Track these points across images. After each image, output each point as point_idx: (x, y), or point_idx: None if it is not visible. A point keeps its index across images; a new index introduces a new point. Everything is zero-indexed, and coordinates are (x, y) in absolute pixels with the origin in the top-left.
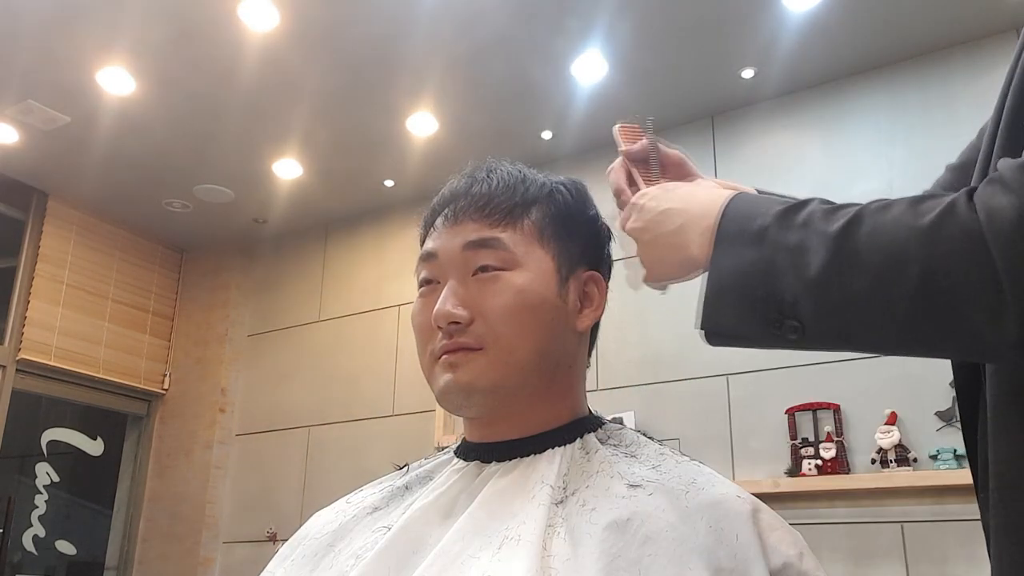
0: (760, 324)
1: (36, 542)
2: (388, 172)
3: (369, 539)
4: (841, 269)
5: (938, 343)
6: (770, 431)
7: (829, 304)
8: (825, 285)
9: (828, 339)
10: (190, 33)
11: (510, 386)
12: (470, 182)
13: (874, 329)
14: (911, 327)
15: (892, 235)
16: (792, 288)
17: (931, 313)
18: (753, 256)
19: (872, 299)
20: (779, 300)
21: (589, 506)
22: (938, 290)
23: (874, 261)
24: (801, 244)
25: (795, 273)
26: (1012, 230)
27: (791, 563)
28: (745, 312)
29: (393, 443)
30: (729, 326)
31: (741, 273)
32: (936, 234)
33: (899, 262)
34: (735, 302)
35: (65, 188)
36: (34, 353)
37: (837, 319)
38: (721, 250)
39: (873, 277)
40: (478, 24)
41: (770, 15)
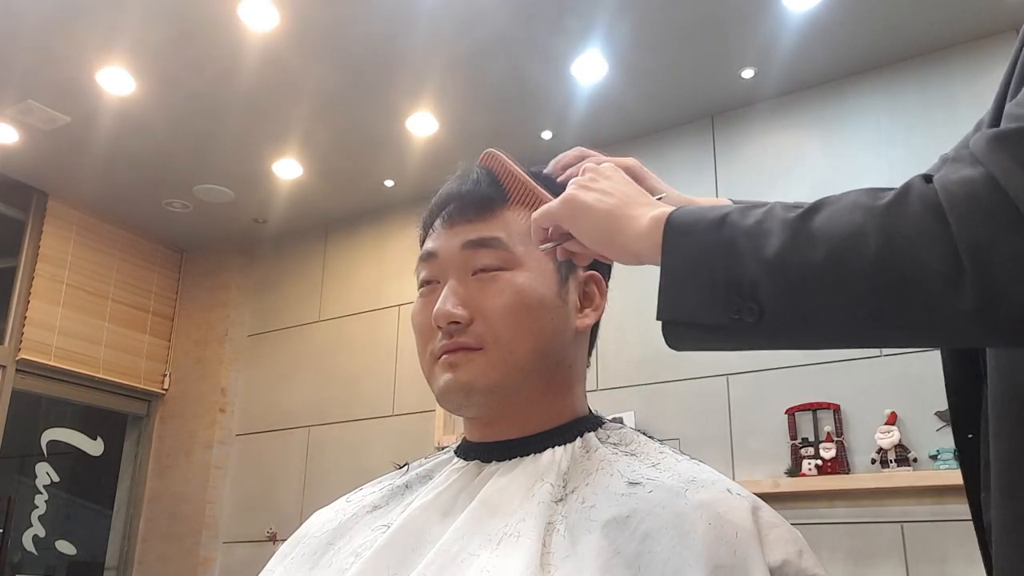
0: (720, 309)
1: (36, 542)
2: (388, 172)
3: (368, 537)
4: (798, 248)
5: (896, 320)
6: (770, 431)
7: (786, 283)
8: (782, 265)
9: (787, 323)
10: (190, 33)
11: (510, 386)
12: (467, 182)
13: (833, 309)
14: (869, 303)
15: (850, 215)
16: (751, 270)
17: (889, 286)
18: (713, 239)
19: (829, 275)
20: (739, 283)
21: (589, 503)
22: (895, 262)
23: (832, 239)
24: (760, 227)
25: (754, 255)
26: (968, 198)
27: (790, 560)
28: (705, 297)
29: (393, 443)
30: (689, 312)
31: (700, 256)
32: (893, 209)
33: (856, 236)
34: (695, 287)
35: (65, 188)
36: (34, 353)
37: (795, 299)
38: (676, 237)
39: (829, 253)
40: (478, 24)
41: (770, 15)
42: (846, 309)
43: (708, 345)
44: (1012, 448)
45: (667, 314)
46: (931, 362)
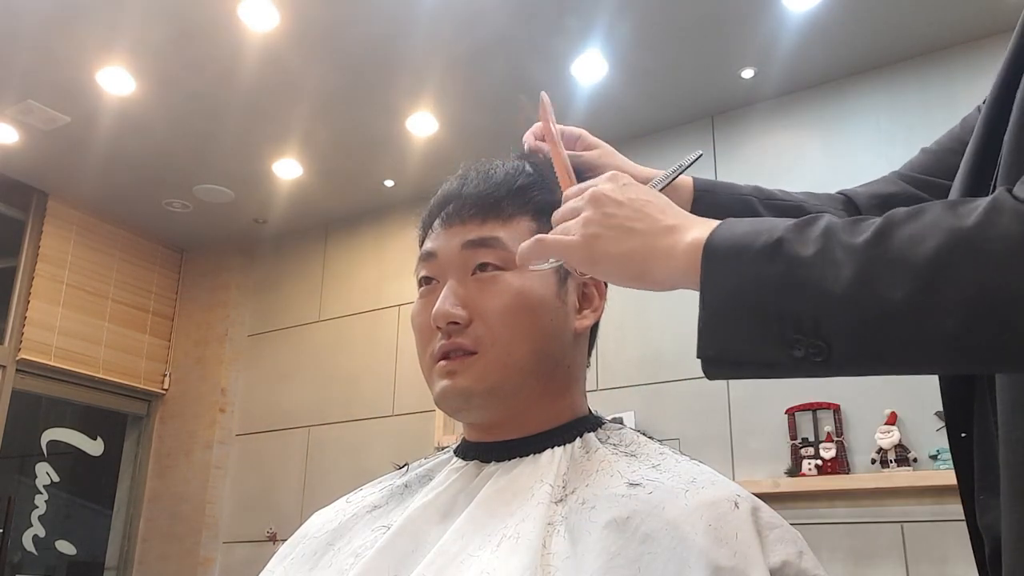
0: (775, 347)
1: (36, 542)
2: (388, 172)
3: (368, 538)
4: (875, 280)
5: (987, 353)
6: (770, 431)
7: (861, 320)
8: (856, 299)
9: (858, 360)
10: (190, 33)
11: (509, 388)
12: (465, 182)
13: (917, 345)
14: (962, 338)
15: (933, 239)
16: (815, 304)
17: (982, 317)
18: (764, 271)
19: (915, 311)
20: (798, 318)
21: (589, 504)
22: (991, 291)
23: (915, 268)
24: (823, 256)
25: (818, 287)
26: None
27: (790, 561)
28: (756, 334)
29: (393, 443)
30: (736, 351)
31: (750, 291)
32: (985, 232)
33: (945, 267)
34: (744, 323)
35: (65, 188)
36: (34, 353)
37: (871, 337)
38: (717, 267)
39: (915, 286)
40: (478, 24)
41: (770, 15)
42: (934, 346)
43: (754, 376)
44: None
45: (711, 351)
46: None
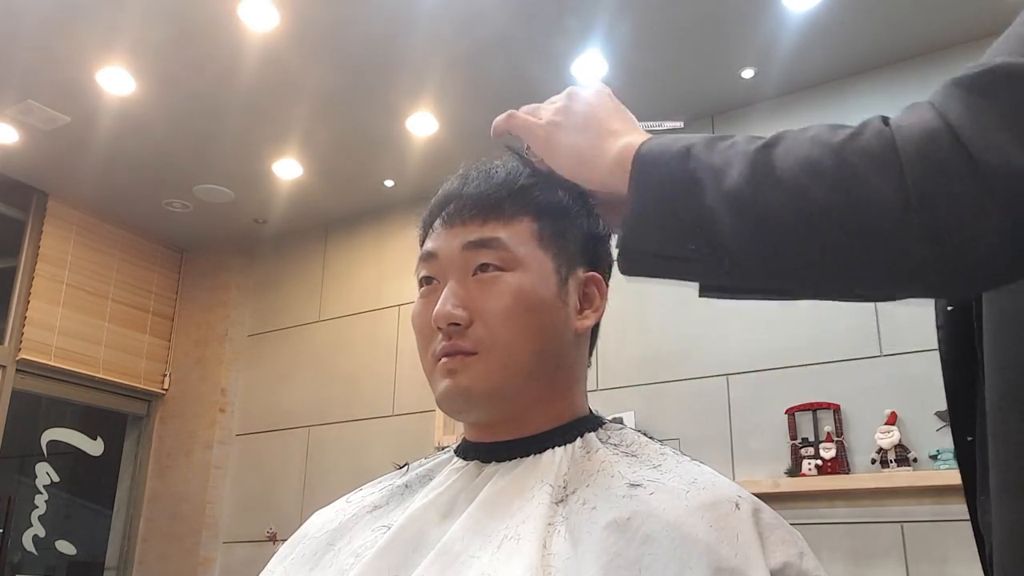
0: (683, 242)
1: (36, 542)
2: (388, 172)
3: (369, 538)
4: (757, 182)
5: (849, 252)
6: (770, 431)
7: (745, 218)
8: (742, 199)
9: (746, 258)
10: (190, 33)
11: (510, 389)
12: (466, 182)
13: (789, 243)
14: (823, 234)
15: (808, 149)
16: (713, 203)
17: (843, 216)
18: (678, 171)
19: (786, 209)
20: (700, 216)
21: (589, 505)
22: (849, 194)
23: (789, 172)
24: (723, 158)
25: (716, 188)
26: (921, 138)
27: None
28: (669, 229)
29: (393, 443)
30: (651, 244)
31: (666, 189)
32: (849, 143)
33: (813, 169)
34: (660, 218)
35: (65, 188)
36: (34, 353)
37: (753, 234)
38: (642, 169)
39: (787, 187)
40: (478, 24)
41: (770, 15)
42: (802, 242)
43: (663, 274)
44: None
45: (630, 242)
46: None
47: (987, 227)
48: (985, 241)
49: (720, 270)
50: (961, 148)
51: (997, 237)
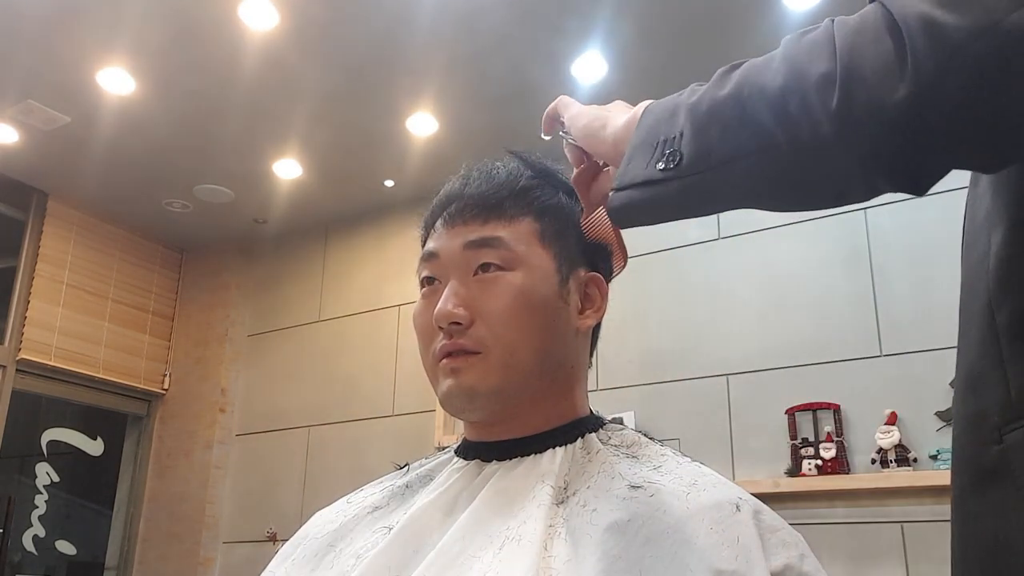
0: (653, 163)
1: (36, 542)
2: (388, 172)
3: (370, 539)
4: (715, 87)
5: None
6: (770, 431)
7: (696, 122)
8: (698, 105)
9: (697, 164)
10: (190, 33)
11: (512, 388)
12: (467, 183)
13: (728, 135)
14: (757, 118)
15: (760, 59)
16: (681, 120)
17: (775, 98)
18: (663, 109)
19: (728, 101)
20: (672, 137)
21: (590, 507)
22: (783, 76)
23: (741, 71)
24: (700, 85)
25: (682, 107)
26: (857, 19)
27: (792, 565)
28: (647, 155)
29: (393, 443)
30: (632, 175)
31: (653, 124)
32: (794, 37)
33: (761, 64)
34: (644, 149)
35: (65, 188)
36: (34, 353)
37: (701, 135)
38: (643, 117)
39: (734, 83)
40: (478, 24)
41: (770, 15)
42: (738, 131)
43: (641, 208)
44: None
45: (616, 180)
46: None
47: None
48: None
49: (678, 186)
50: (884, 11)
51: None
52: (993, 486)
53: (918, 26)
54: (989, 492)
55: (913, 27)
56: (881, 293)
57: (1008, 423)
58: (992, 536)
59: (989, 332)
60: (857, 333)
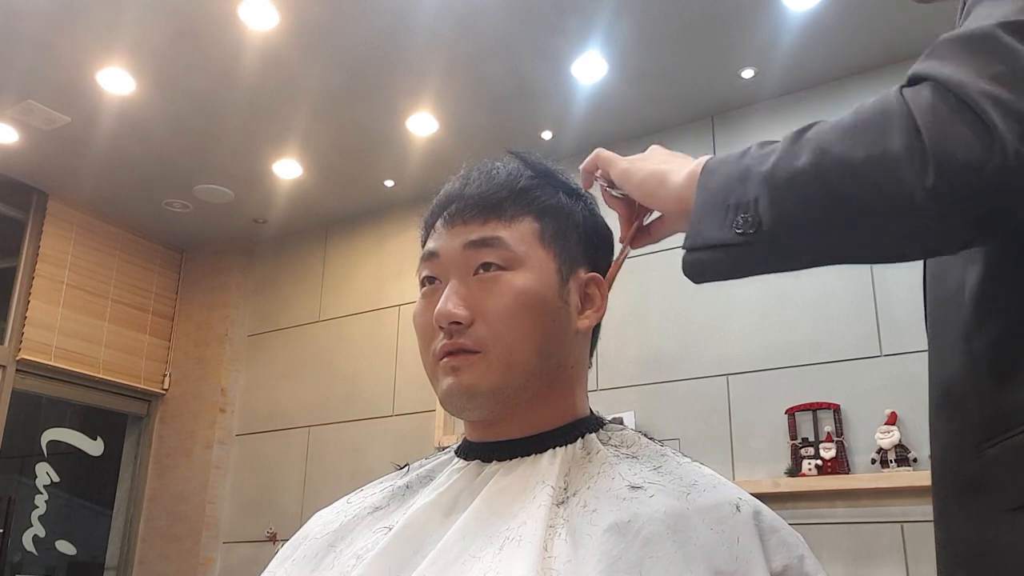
0: (728, 226)
1: (36, 542)
2: (388, 172)
3: (370, 539)
4: (788, 155)
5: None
6: (770, 431)
7: (776, 189)
8: (774, 173)
9: (779, 229)
10: (190, 33)
11: (512, 388)
12: (467, 183)
13: (812, 202)
14: (843, 187)
15: (837, 120)
16: (752, 186)
17: (859, 168)
18: (732, 169)
19: (809, 171)
20: (744, 201)
21: (590, 507)
22: (864, 147)
23: (814, 140)
24: (771, 149)
25: (756, 172)
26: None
27: (792, 566)
28: (719, 218)
29: (393, 443)
30: (705, 237)
31: (721, 185)
32: (865, 106)
33: (835, 131)
34: (711, 212)
35: (65, 188)
36: (34, 353)
37: (782, 203)
38: (706, 175)
39: (811, 152)
40: (478, 24)
41: (770, 15)
42: (824, 201)
43: (719, 268)
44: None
45: (688, 241)
46: None
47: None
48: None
49: (757, 249)
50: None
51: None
52: (975, 497)
53: (990, 104)
54: (971, 502)
55: (985, 105)
56: (881, 293)
57: (987, 440)
58: (976, 542)
59: (966, 358)
60: (857, 333)
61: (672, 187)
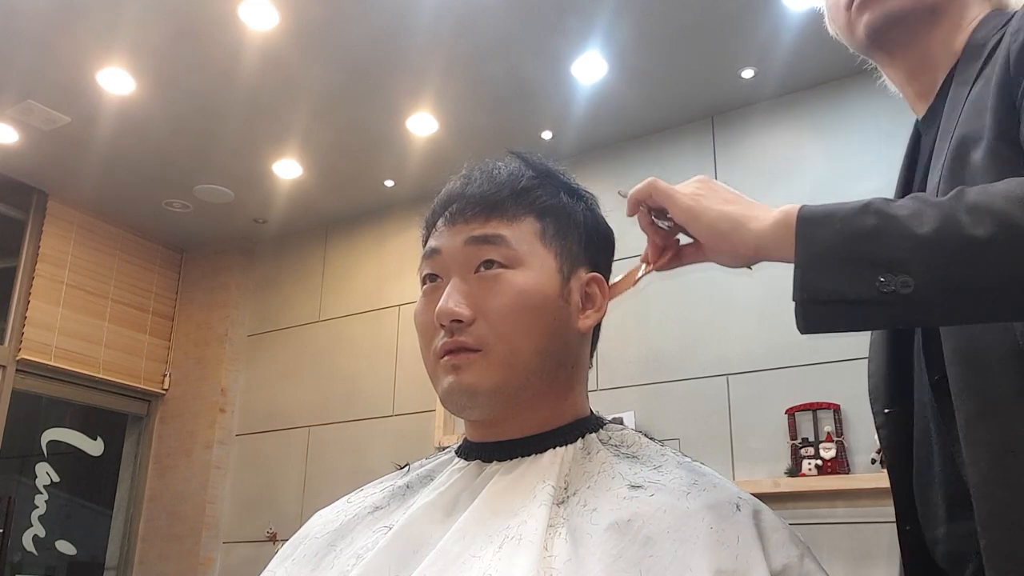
0: (865, 284)
1: (36, 542)
2: (388, 172)
3: (370, 539)
4: (955, 224)
5: None
6: (770, 431)
7: (945, 254)
8: (939, 239)
9: (940, 293)
10: (190, 33)
11: (512, 387)
12: (469, 182)
13: (992, 276)
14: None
15: (1007, 190)
16: (902, 246)
17: None
18: (855, 224)
19: (995, 241)
20: (888, 260)
21: (590, 506)
22: None
23: (994, 212)
24: (911, 210)
25: (906, 233)
26: None
27: (792, 565)
28: (848, 275)
29: (393, 443)
30: (831, 291)
31: (842, 241)
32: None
33: (1009, 210)
34: (837, 267)
35: (65, 188)
36: (34, 353)
37: (956, 269)
38: (811, 225)
39: (996, 223)
40: (478, 24)
41: (770, 15)
42: (1004, 272)
43: (844, 321)
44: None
45: (807, 294)
46: None
47: None
48: None
49: (907, 308)
50: None
51: None
52: None
53: None
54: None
55: None
56: None
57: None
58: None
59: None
60: (857, 333)
61: (750, 233)
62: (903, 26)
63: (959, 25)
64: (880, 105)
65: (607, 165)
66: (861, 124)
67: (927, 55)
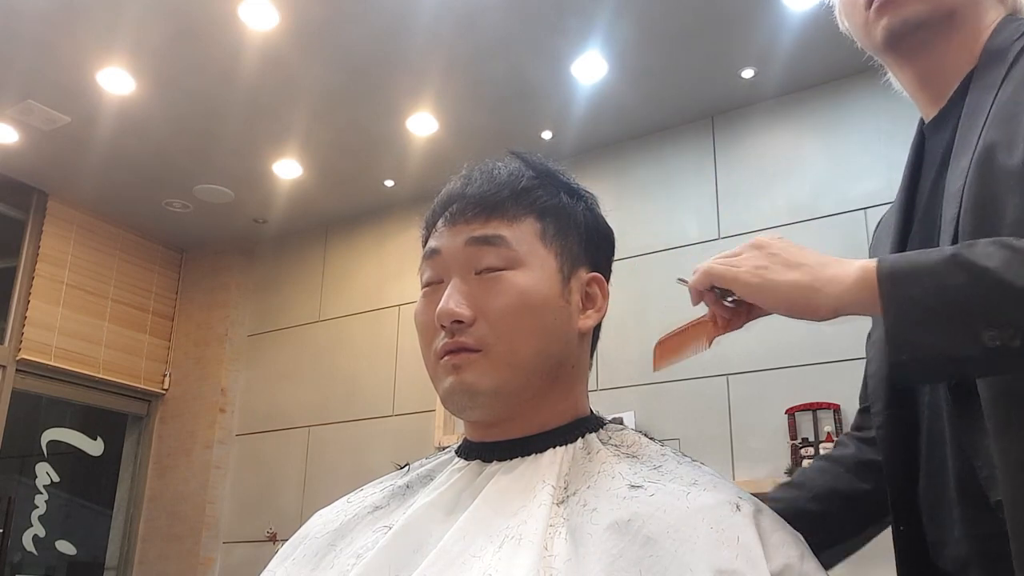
0: (968, 341)
1: (36, 542)
2: (388, 172)
3: (370, 539)
4: None
5: None
6: (770, 431)
7: None
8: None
9: None
10: (190, 33)
11: (513, 387)
12: (469, 182)
13: None
14: None
15: None
16: (1005, 301)
17: None
18: (946, 281)
19: None
20: (989, 315)
21: (590, 506)
22: None
23: None
24: (1002, 261)
25: (1005, 286)
26: None
27: (792, 565)
28: (948, 334)
29: (393, 443)
30: (933, 349)
31: (936, 298)
32: None
33: None
34: (935, 326)
35: (65, 188)
36: (34, 353)
37: None
38: (897, 284)
39: None
40: (478, 24)
41: (770, 15)
42: None
43: (947, 375)
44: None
45: (906, 354)
46: None
47: None
48: None
49: (1009, 360)
50: None
51: None
52: None
53: None
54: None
55: None
56: None
57: None
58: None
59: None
60: (857, 333)
61: (828, 298)
62: (922, 31)
63: (976, 30)
64: (880, 105)
65: (607, 165)
66: (861, 124)
67: (942, 60)
